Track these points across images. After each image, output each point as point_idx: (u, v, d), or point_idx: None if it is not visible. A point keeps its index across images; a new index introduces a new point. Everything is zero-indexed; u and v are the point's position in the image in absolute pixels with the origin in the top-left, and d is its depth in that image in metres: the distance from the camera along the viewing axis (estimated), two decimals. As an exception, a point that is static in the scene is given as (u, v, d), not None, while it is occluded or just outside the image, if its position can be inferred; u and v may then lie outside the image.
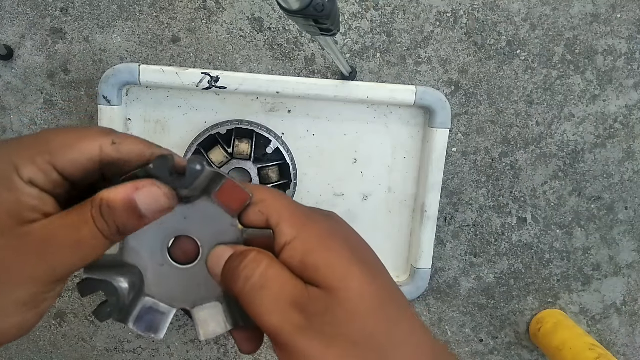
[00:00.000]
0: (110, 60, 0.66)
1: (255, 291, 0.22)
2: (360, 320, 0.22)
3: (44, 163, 0.22)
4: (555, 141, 0.70)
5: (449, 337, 0.75)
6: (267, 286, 0.22)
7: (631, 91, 0.70)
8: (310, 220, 0.24)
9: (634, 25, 0.68)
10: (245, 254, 0.23)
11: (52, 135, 0.24)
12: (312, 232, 0.24)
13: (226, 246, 0.25)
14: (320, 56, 0.66)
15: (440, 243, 0.72)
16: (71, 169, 0.23)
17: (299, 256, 0.23)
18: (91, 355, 0.74)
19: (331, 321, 0.21)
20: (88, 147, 0.23)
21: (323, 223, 0.25)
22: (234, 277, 0.23)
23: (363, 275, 0.23)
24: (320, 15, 0.33)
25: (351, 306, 0.22)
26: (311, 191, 0.67)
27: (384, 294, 0.23)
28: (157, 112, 0.64)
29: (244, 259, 0.23)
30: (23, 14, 0.64)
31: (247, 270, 0.23)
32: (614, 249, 0.74)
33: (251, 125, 0.62)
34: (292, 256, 0.23)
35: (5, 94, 0.66)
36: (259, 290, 0.22)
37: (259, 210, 0.25)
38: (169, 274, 0.26)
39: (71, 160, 0.23)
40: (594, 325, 0.76)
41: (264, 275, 0.22)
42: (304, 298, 0.22)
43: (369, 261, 0.25)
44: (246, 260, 0.23)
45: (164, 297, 0.26)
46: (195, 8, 0.65)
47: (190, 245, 0.26)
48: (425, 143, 0.65)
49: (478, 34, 0.67)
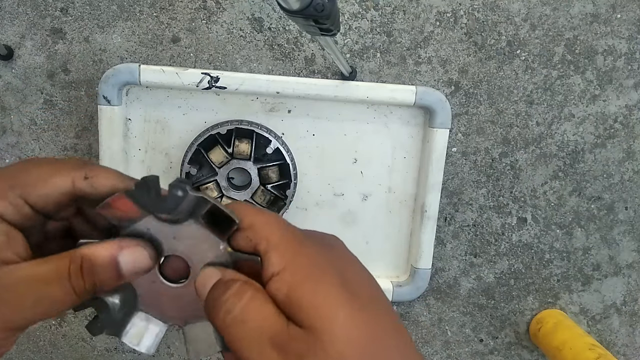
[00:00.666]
0: (110, 60, 0.66)
1: (234, 325, 0.21)
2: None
3: (15, 197, 0.22)
4: (555, 141, 0.70)
5: (449, 337, 0.75)
6: (247, 321, 0.21)
7: (631, 91, 0.70)
8: (302, 249, 0.23)
9: (634, 25, 0.68)
10: (228, 285, 0.22)
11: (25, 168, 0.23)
12: (301, 263, 0.22)
13: (214, 269, 0.24)
14: (320, 56, 0.66)
15: (440, 243, 0.72)
16: (43, 203, 0.23)
17: (284, 290, 0.21)
18: (91, 355, 0.74)
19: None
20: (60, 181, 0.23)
21: (317, 252, 0.23)
22: (215, 307, 0.22)
23: (352, 317, 0.21)
24: (320, 15, 0.33)
25: (334, 351, 0.20)
26: (311, 191, 0.67)
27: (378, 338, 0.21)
28: (157, 112, 0.64)
29: (227, 290, 0.22)
30: (23, 14, 0.64)
31: (228, 304, 0.22)
32: (614, 249, 0.74)
33: (251, 125, 0.62)
34: (278, 289, 0.22)
35: (5, 94, 0.66)
36: (239, 324, 0.21)
37: (247, 237, 0.23)
38: (161, 291, 0.25)
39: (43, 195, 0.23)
40: (594, 325, 0.76)
41: (245, 310, 0.21)
42: (284, 337, 0.21)
43: (365, 298, 0.22)
44: (228, 292, 0.22)
45: (156, 313, 0.26)
46: (195, 8, 0.65)
47: (180, 264, 0.25)
48: (425, 143, 0.65)
49: (478, 34, 0.67)
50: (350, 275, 0.23)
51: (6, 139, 0.67)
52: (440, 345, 0.76)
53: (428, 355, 0.76)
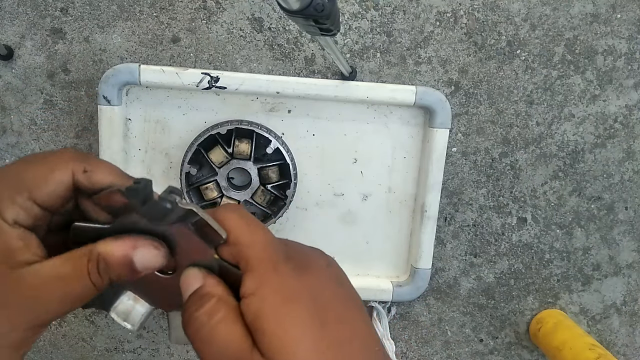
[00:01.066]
0: (110, 60, 0.66)
1: (202, 343, 0.22)
2: None
3: (25, 200, 0.23)
4: (555, 141, 0.70)
5: (449, 337, 0.75)
6: (213, 343, 0.22)
7: (631, 91, 0.70)
8: (276, 273, 0.23)
9: (634, 25, 0.68)
10: (203, 301, 0.23)
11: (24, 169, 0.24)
12: (272, 289, 0.22)
13: (199, 271, 0.25)
14: (320, 56, 0.66)
15: (440, 243, 0.72)
16: (50, 200, 0.24)
17: (251, 315, 0.22)
18: (91, 355, 0.74)
19: None
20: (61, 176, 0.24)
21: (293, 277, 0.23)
22: (189, 322, 0.23)
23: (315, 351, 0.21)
24: (320, 15, 0.33)
25: None
26: (311, 191, 0.67)
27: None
28: (157, 112, 0.64)
29: (201, 307, 0.23)
30: (23, 14, 0.64)
31: (198, 321, 0.22)
32: (614, 249, 0.74)
33: (251, 125, 0.62)
34: (246, 312, 0.22)
35: (5, 94, 0.66)
36: (206, 344, 0.22)
37: (230, 253, 0.24)
38: (150, 278, 0.26)
39: (49, 193, 0.23)
40: (594, 325, 0.76)
41: (213, 331, 0.22)
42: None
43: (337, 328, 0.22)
44: (201, 310, 0.23)
45: (143, 296, 0.27)
46: (195, 8, 0.65)
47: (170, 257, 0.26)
48: (425, 143, 0.65)
49: (478, 34, 0.67)
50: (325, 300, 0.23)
51: (6, 139, 0.67)
52: (440, 345, 0.76)
53: (428, 355, 0.76)
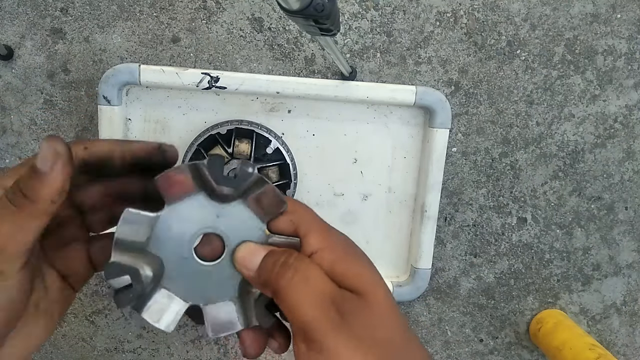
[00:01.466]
0: (110, 60, 0.66)
1: (300, 283, 0.24)
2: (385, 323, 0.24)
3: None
4: (555, 141, 0.70)
5: (449, 337, 0.75)
6: (311, 281, 0.24)
7: (631, 91, 0.70)
8: (332, 235, 0.27)
9: (634, 25, 0.68)
10: (289, 252, 0.25)
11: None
12: (336, 245, 0.26)
13: (256, 244, 0.27)
14: (320, 56, 0.66)
15: (440, 243, 0.72)
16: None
17: (327, 264, 0.25)
18: (91, 355, 0.74)
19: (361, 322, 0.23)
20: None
21: (342, 239, 0.27)
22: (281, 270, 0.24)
23: (383, 284, 0.25)
24: (320, 15, 0.33)
25: (378, 310, 0.24)
26: (311, 191, 0.67)
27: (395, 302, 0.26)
28: (157, 112, 0.64)
29: (290, 255, 0.25)
30: (23, 14, 0.64)
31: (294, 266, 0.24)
32: (614, 249, 0.74)
33: (251, 125, 0.62)
34: (320, 263, 0.25)
35: (5, 94, 0.66)
36: (304, 282, 0.24)
37: (290, 220, 0.26)
38: (190, 268, 0.26)
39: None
40: (594, 325, 0.76)
41: (308, 271, 0.24)
42: (339, 297, 0.24)
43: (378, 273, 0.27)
44: (292, 257, 0.25)
45: (179, 291, 0.26)
46: (195, 8, 0.65)
47: (217, 243, 0.27)
48: (425, 143, 0.65)
49: (478, 34, 0.67)
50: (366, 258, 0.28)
51: (6, 139, 0.67)
52: (440, 345, 0.76)
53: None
